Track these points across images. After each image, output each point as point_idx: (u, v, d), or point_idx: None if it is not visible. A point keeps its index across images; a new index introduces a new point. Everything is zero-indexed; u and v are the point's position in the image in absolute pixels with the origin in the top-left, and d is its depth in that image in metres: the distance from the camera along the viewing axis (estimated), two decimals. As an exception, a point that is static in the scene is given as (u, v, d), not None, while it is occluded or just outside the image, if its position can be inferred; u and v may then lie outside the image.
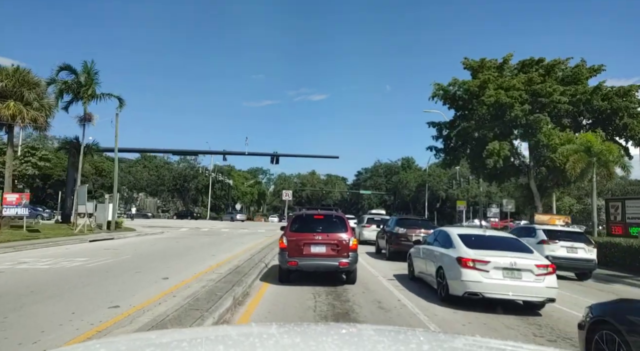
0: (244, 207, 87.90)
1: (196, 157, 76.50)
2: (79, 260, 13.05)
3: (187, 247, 19.17)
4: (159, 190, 78.68)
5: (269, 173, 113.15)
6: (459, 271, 7.88)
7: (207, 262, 13.42)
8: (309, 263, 9.61)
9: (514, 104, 25.26)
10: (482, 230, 10.23)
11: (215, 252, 16.80)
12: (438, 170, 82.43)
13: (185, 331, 2.77)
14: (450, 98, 28.40)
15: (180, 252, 16.74)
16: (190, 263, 13.17)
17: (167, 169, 76.65)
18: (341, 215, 10.78)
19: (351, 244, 9.75)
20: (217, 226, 44.24)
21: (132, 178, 75.52)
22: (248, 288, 9.17)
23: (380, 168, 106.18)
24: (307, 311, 7.51)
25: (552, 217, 22.27)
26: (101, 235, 24.65)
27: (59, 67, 28.16)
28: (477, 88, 26.50)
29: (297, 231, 10.03)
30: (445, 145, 30.29)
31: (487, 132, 26.31)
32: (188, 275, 10.59)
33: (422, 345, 1.71)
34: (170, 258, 14.55)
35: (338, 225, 10.08)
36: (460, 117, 28.39)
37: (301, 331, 2.01)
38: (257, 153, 38.13)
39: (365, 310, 7.73)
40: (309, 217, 10.67)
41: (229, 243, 22.33)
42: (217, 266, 12.53)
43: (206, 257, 14.95)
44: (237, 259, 14.22)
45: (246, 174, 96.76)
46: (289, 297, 8.60)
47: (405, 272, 12.18)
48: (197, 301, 7.32)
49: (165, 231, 31.84)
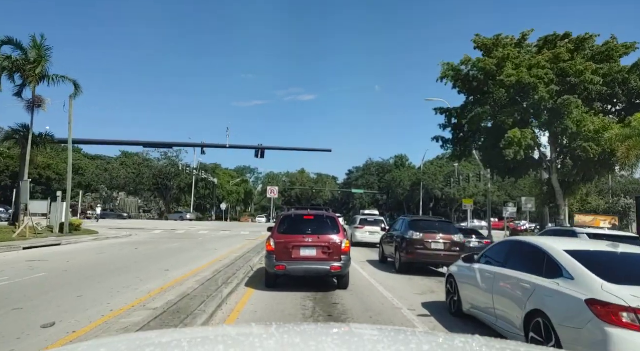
0: (229, 207, 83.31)
1: (178, 154, 71.90)
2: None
3: (142, 257, 14.96)
4: (138, 189, 73.67)
5: (257, 172, 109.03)
6: (602, 334, 3.81)
7: (147, 285, 9.25)
8: (298, 267, 9.09)
9: (538, 85, 21.43)
10: (611, 245, 5.14)
11: (173, 265, 12.62)
12: (433, 168, 78.88)
13: (185, 331, 2.75)
14: (462, 80, 24.45)
15: (125, 265, 12.53)
16: (121, 287, 8.99)
17: (147, 166, 71.50)
18: (333, 215, 10.16)
19: (343, 247, 9.25)
20: (195, 227, 39.94)
21: (108, 176, 70.55)
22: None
23: (373, 166, 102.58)
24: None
25: (597, 218, 18.47)
26: (47, 239, 20.30)
27: (0, 41, 23.73)
28: (494, 67, 22.61)
29: (285, 233, 9.48)
30: (455, 135, 26.38)
31: (506, 119, 22.43)
32: (92, 316, 6.43)
33: (422, 345, 1.69)
34: (101, 276, 10.34)
35: (329, 226, 9.56)
36: (473, 102, 24.44)
37: (301, 331, 1.95)
38: (240, 146, 33.90)
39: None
40: (298, 217, 10.04)
41: (198, 250, 18.15)
42: (159, 292, 8.41)
43: (153, 275, 10.78)
44: (195, 279, 10.07)
45: (232, 172, 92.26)
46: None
47: (435, 296, 9.31)
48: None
49: (134, 233, 28.02)
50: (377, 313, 7.42)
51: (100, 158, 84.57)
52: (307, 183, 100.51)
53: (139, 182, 71.62)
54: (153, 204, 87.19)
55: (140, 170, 71.42)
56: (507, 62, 22.77)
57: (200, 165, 78.58)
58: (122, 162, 73.54)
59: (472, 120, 23.44)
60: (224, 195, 79.48)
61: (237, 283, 9.68)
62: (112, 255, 15.58)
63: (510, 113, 22.52)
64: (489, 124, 25.49)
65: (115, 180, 70.57)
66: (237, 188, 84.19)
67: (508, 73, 21.74)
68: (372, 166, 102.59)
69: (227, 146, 33.15)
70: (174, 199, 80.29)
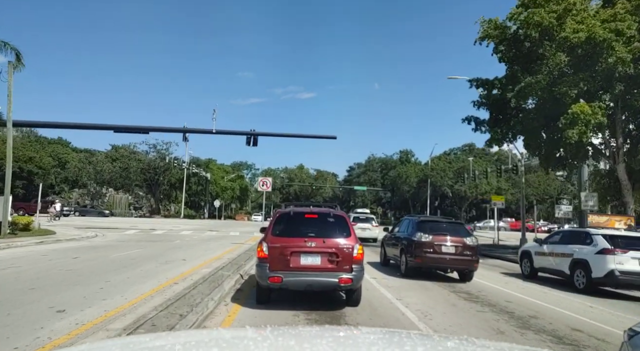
0: (223, 204, 77.95)
1: (168, 147, 66.49)
2: None
3: (58, 276, 9.75)
4: (125, 184, 68.20)
5: (254, 168, 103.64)
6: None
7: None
8: (299, 279, 7.31)
9: (614, 44, 16.23)
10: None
11: (91, 296, 7.48)
12: (442, 164, 73.46)
13: (179, 333, 2.72)
14: (509, 41, 19.16)
15: (7, 298, 7.34)
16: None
17: (134, 160, 65.92)
18: (341, 213, 8.34)
19: (355, 253, 7.46)
20: (179, 227, 34.70)
21: (92, 169, 65.16)
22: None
23: (375, 162, 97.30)
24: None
25: (611, 219, 18.62)
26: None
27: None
28: (554, 21, 17.33)
29: (281, 235, 7.64)
30: (493, 114, 21.14)
31: (568, 89, 17.22)
32: None
33: (416, 347, 1.68)
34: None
35: (337, 228, 7.76)
36: (521, 71, 19.07)
37: (296, 333, 1.96)
38: (228, 132, 28.61)
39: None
40: (298, 216, 8.18)
41: (157, 261, 12.92)
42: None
43: (24, 324, 5.59)
44: (101, 334, 4.91)
45: (227, 168, 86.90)
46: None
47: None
48: None
49: (104, 234, 23.61)
50: None
51: (86, 152, 79.24)
52: (306, 179, 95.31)
53: (125, 177, 66.15)
54: (144, 201, 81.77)
55: (127, 164, 65.94)
56: (567, 17, 17.55)
57: (192, 159, 73.26)
58: (106, 155, 68.07)
59: (522, 92, 18.16)
60: (217, 192, 74.15)
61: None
62: (16, 271, 10.33)
63: (573, 82, 17.29)
64: (532, 102, 20.32)
65: (100, 175, 65.12)
66: (232, 184, 78.77)
67: (575, 27, 16.53)
68: (375, 162, 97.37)
69: (214, 131, 27.85)
70: (165, 195, 74.88)
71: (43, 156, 75.22)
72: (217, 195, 73.70)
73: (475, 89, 21.04)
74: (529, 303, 9.29)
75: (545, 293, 10.95)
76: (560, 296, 10.59)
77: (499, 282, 12.43)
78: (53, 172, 75.84)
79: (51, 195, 75.38)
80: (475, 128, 21.87)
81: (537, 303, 9.27)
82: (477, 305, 8.75)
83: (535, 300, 9.63)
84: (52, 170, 75.85)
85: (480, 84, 20.82)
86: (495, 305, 8.75)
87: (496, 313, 8.04)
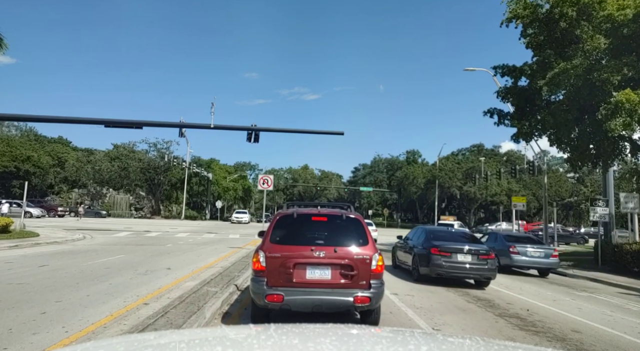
0: (226, 205, 76.03)
1: (168, 146, 64.58)
2: None
3: (15, 291, 7.78)
4: (124, 183, 66.32)
5: (257, 168, 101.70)
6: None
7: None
8: (304, 297, 5.84)
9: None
10: None
11: (22, 325, 5.47)
12: (450, 165, 71.10)
13: (183, 332, 2.65)
14: (541, 22, 17.05)
15: None
16: None
17: (134, 159, 63.99)
18: (356, 216, 6.62)
19: (374, 266, 6.01)
20: (177, 229, 32.79)
21: (90, 168, 63.36)
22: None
23: (381, 163, 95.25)
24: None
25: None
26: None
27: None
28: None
29: (283, 242, 6.19)
30: (518, 106, 19.01)
31: (609, 76, 15.10)
32: None
33: (420, 346, 1.65)
34: None
35: (352, 233, 6.28)
36: (554, 55, 16.92)
37: (299, 332, 1.86)
38: (227, 127, 26.65)
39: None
40: (304, 218, 6.49)
41: (137, 270, 10.93)
42: None
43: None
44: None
45: (230, 168, 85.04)
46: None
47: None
48: None
49: (93, 236, 22.12)
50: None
51: (89, 152, 77.51)
52: (310, 180, 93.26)
53: (125, 176, 64.27)
54: (145, 201, 79.80)
55: (126, 163, 64.05)
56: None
57: (193, 158, 71.43)
58: (105, 154, 66.24)
59: (556, 79, 16.02)
60: (219, 192, 72.23)
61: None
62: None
63: (616, 67, 15.18)
64: (562, 92, 18.20)
65: (98, 174, 63.29)
66: (234, 185, 76.82)
67: (620, 3, 14.43)
68: (381, 163, 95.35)
69: (212, 126, 25.90)
70: (166, 196, 72.95)
71: (42, 155, 73.55)
72: (219, 196, 71.77)
73: (500, 77, 18.95)
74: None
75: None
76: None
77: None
78: (52, 172, 74.10)
79: (50, 195, 73.78)
80: (499, 122, 19.74)
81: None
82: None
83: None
84: (51, 169, 74.13)
85: (506, 71, 18.67)
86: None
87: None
